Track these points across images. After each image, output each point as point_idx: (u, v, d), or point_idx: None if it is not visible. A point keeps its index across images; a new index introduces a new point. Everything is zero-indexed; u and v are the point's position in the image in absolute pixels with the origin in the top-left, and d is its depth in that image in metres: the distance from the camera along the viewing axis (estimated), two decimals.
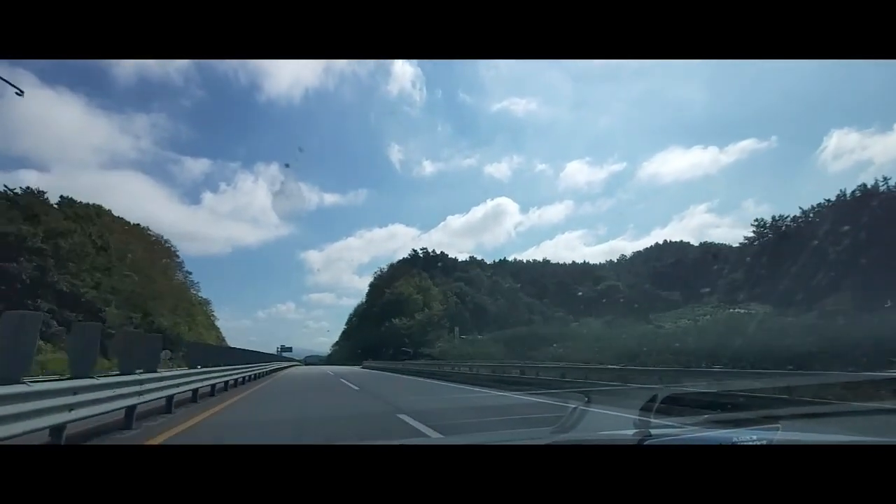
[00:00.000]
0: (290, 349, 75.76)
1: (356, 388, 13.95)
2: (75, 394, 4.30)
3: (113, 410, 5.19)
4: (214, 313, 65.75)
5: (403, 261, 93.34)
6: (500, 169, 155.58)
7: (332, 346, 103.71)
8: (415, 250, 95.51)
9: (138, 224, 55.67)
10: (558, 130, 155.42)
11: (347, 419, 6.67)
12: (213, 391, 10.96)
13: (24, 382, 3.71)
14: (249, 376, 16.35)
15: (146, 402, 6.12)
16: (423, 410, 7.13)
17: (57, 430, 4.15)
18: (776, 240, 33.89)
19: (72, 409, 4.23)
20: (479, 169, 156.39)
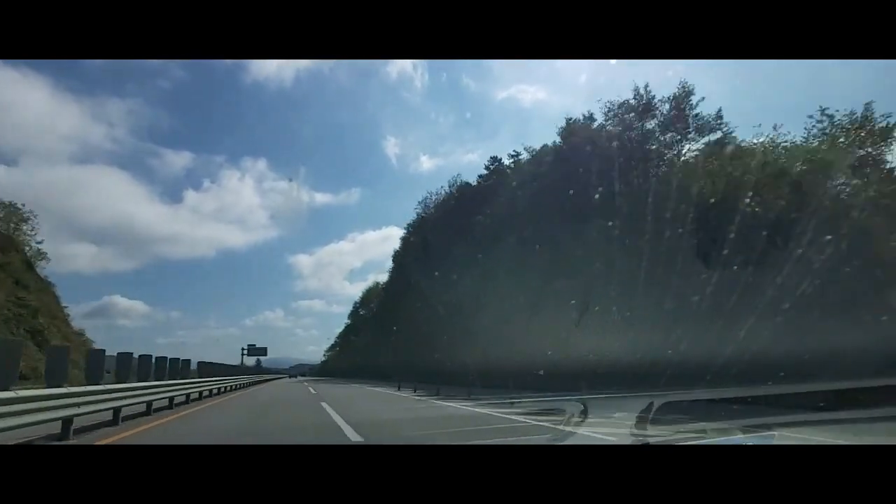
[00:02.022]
0: (262, 351, 55.63)
1: None
2: None
3: None
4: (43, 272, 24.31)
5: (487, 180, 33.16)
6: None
7: (326, 352, 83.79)
8: (516, 152, 31.63)
9: None
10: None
11: None
12: None
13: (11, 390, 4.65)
14: None
15: None
16: None
17: None
18: None
19: None
20: (482, 165, 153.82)
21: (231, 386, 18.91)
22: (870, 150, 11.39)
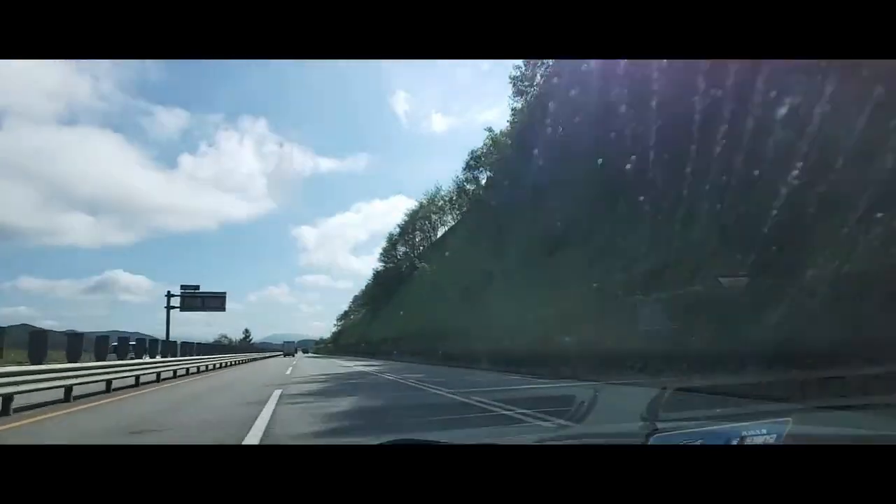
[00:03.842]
0: (217, 303, 31.00)
1: None
2: None
3: None
4: None
5: None
6: None
7: (338, 322, 72.73)
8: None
9: None
10: None
11: None
12: None
13: None
14: None
15: None
16: None
17: None
18: None
19: None
20: (501, 124, 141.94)
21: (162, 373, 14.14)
22: None
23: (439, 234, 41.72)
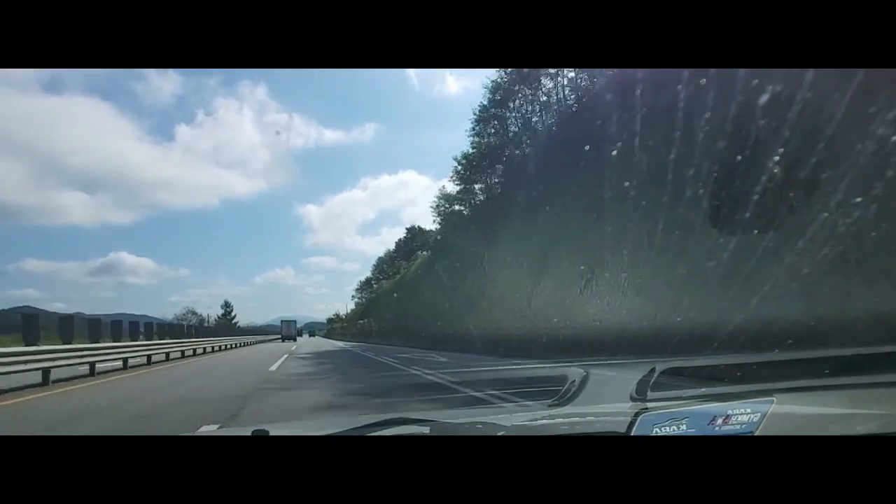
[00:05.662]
0: None
1: None
2: None
3: None
4: None
5: None
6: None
7: (358, 293, 67.34)
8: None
9: None
10: None
11: None
12: None
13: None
14: None
15: None
16: None
17: None
18: None
19: None
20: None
21: None
22: None
23: None
